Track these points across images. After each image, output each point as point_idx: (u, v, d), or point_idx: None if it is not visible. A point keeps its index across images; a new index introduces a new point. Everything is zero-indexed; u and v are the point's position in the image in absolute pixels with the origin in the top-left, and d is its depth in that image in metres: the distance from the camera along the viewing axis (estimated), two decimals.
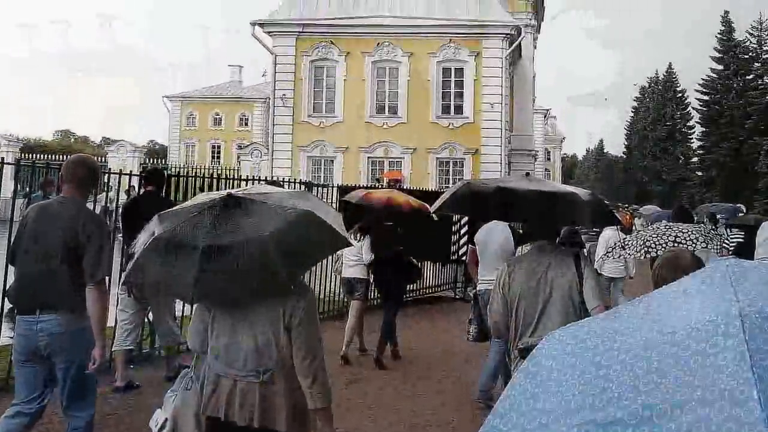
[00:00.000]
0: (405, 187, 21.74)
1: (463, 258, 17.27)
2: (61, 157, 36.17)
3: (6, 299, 7.88)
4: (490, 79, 35.91)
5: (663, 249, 8.68)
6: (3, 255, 6.98)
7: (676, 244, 8.84)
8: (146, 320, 11.05)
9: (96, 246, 6.09)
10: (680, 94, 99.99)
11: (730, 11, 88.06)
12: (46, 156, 43.10)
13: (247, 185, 11.69)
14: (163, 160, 62.41)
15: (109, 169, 19.43)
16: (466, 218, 18.46)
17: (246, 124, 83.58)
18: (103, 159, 45.60)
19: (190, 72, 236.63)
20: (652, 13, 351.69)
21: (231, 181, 14.80)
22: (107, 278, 6.36)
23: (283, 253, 4.31)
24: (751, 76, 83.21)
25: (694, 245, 8.87)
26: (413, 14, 35.89)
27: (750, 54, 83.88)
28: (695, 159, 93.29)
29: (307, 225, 4.48)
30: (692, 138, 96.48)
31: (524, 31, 40.53)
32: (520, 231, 10.16)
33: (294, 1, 37.70)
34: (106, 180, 14.47)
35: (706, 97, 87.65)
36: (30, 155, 43.90)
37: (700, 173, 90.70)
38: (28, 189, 16.54)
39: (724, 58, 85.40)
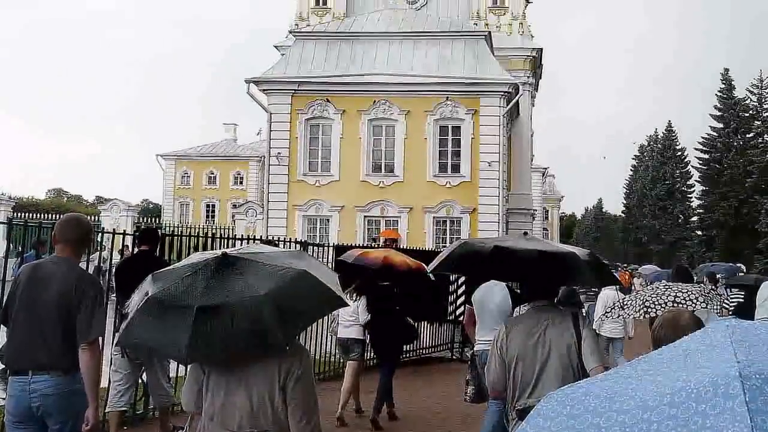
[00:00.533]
0: (401, 247, 21.69)
1: (461, 318, 17.21)
2: (53, 216, 36.24)
3: None
4: (487, 137, 36.01)
5: (662, 309, 8.64)
6: None
7: (675, 304, 8.81)
8: (140, 381, 10.98)
9: (89, 306, 6.06)
10: (680, 153, 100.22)
11: (729, 68, 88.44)
12: (38, 215, 43.23)
13: (242, 244, 11.68)
14: (157, 219, 62.38)
15: (103, 228, 19.38)
16: (463, 278, 18.41)
17: (241, 183, 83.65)
18: (96, 218, 45.75)
19: (184, 130, 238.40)
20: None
21: (226, 240, 14.80)
22: (100, 338, 6.32)
23: (279, 313, 4.28)
24: (751, 135, 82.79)
25: (693, 305, 8.84)
26: (410, 72, 36.10)
27: (750, 112, 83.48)
28: (695, 218, 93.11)
29: (302, 285, 4.46)
30: (692, 197, 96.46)
31: (522, 88, 40.84)
32: (518, 291, 10.13)
33: (289, 58, 38.03)
34: (99, 239, 14.44)
35: (705, 156, 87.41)
36: (22, 214, 43.96)
37: (699, 232, 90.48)
38: (20, 248, 16.48)
39: (724, 116, 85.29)
